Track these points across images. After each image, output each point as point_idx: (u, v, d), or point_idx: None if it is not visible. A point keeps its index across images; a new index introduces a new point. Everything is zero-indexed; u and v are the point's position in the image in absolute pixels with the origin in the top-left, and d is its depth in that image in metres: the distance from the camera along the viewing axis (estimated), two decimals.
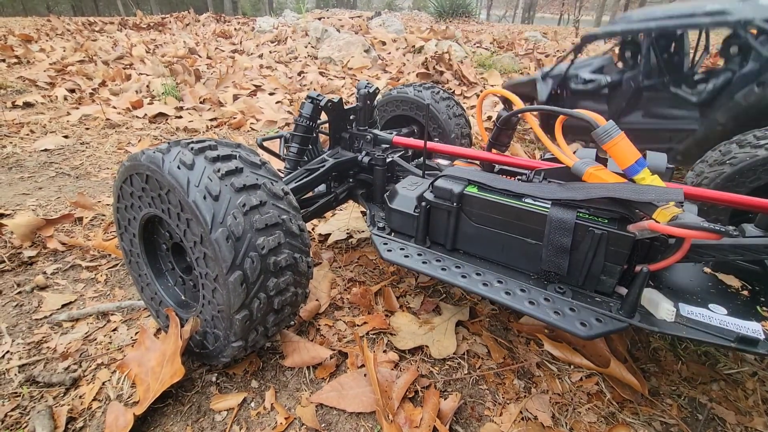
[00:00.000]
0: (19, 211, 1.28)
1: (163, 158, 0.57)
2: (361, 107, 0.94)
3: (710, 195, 0.62)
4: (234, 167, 0.58)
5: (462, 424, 0.64)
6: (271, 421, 0.64)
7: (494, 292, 0.59)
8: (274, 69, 3.59)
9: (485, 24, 10.40)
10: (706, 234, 0.46)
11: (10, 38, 4.62)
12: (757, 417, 0.66)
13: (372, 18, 6.27)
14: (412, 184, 0.77)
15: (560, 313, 0.54)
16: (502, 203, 0.61)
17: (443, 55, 3.42)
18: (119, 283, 0.98)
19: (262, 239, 0.56)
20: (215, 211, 0.54)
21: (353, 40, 3.98)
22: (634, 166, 0.54)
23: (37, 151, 1.79)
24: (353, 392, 0.68)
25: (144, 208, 0.66)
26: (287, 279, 0.61)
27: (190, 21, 7.63)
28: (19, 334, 0.81)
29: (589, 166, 0.57)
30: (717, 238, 0.46)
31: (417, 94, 1.24)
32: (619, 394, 0.69)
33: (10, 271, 1.00)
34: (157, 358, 0.68)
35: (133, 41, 4.85)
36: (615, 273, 0.55)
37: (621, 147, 0.53)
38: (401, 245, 0.71)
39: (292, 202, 0.63)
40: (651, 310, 0.54)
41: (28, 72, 3.19)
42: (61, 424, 0.62)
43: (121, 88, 2.77)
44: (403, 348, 0.77)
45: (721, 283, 0.62)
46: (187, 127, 2.18)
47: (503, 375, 0.73)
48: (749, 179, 0.84)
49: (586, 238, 0.54)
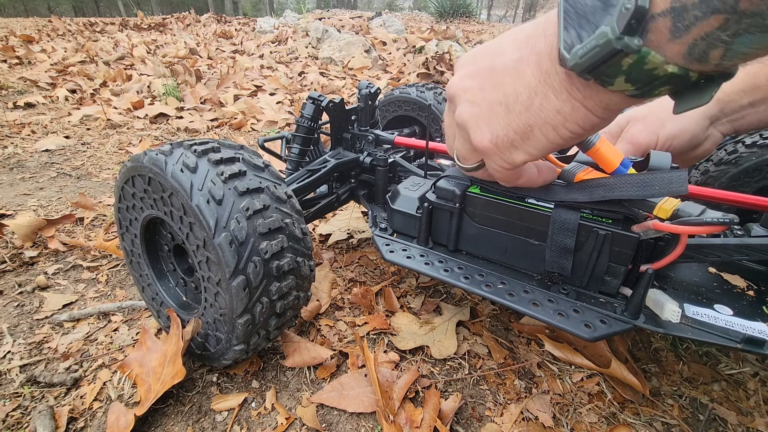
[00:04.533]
0: (20, 212, 1.28)
1: (166, 160, 0.57)
2: (362, 108, 0.93)
3: (715, 194, 0.62)
4: (237, 170, 0.58)
5: (463, 424, 0.64)
6: (272, 421, 0.64)
7: (497, 293, 0.59)
8: (275, 69, 3.59)
9: (486, 24, 10.40)
10: (710, 228, 0.45)
11: (11, 39, 4.63)
12: (758, 417, 0.66)
13: (372, 18, 6.27)
14: (414, 184, 0.77)
15: (564, 315, 0.54)
16: (505, 204, 0.61)
17: (444, 56, 3.42)
18: (120, 283, 0.98)
19: (265, 244, 0.56)
20: (218, 216, 0.54)
21: (354, 41, 3.98)
22: (619, 168, 0.53)
23: (39, 152, 1.79)
24: (354, 392, 0.67)
25: (146, 209, 0.66)
26: (290, 283, 0.60)
27: (191, 21, 7.64)
28: (20, 335, 0.81)
29: (578, 171, 0.56)
30: (724, 229, 0.45)
31: (419, 95, 1.24)
32: (620, 395, 0.69)
33: (11, 272, 1.00)
34: (159, 359, 0.68)
35: (134, 42, 4.86)
36: (619, 274, 0.55)
37: (603, 151, 0.52)
38: (403, 246, 0.71)
39: (295, 206, 0.63)
40: (656, 310, 0.54)
41: (29, 73, 3.20)
42: (63, 424, 0.62)
43: (122, 89, 2.78)
44: (404, 348, 0.77)
45: (726, 283, 0.61)
46: (188, 127, 2.18)
47: (504, 375, 0.73)
48: (755, 179, 0.83)
49: (589, 239, 0.54)
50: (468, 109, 0.43)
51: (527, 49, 0.37)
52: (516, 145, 0.41)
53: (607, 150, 0.52)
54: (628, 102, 0.34)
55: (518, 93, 0.38)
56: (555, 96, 0.36)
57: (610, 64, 0.30)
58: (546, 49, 0.36)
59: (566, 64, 0.32)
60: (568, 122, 0.37)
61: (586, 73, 0.32)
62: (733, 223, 0.45)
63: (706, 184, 0.89)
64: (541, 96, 0.37)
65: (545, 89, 0.36)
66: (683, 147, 0.72)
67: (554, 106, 0.36)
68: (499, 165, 0.45)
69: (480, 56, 0.42)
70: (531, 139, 0.40)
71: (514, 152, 0.42)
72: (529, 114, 0.38)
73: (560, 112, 0.36)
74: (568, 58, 0.32)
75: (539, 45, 0.36)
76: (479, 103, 0.41)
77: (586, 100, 0.35)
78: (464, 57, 0.45)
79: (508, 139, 0.41)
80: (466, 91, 0.43)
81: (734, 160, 0.85)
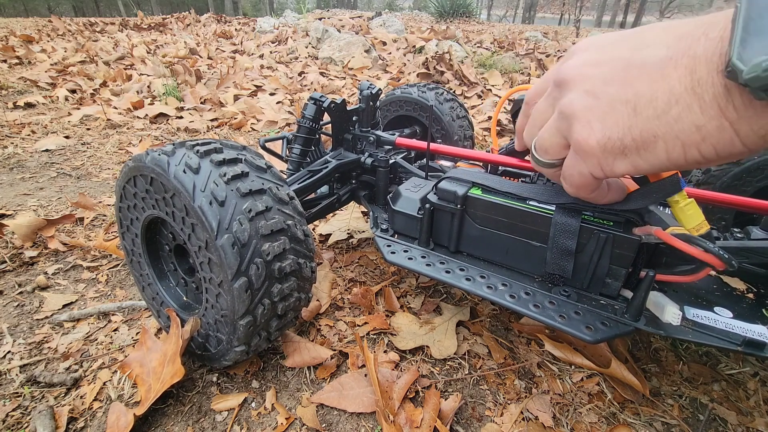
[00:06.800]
0: (20, 212, 1.28)
1: (169, 161, 0.57)
2: (363, 108, 0.94)
3: (715, 197, 0.62)
4: (240, 171, 0.58)
5: (463, 424, 0.64)
6: (272, 421, 0.64)
7: (498, 295, 0.59)
8: (275, 69, 3.59)
9: (486, 24, 10.40)
10: (710, 258, 0.43)
11: (11, 39, 4.63)
12: (758, 417, 0.66)
13: (372, 18, 6.28)
14: (416, 185, 0.77)
15: (565, 317, 0.54)
16: (507, 206, 0.61)
17: (444, 56, 3.43)
18: (120, 283, 0.98)
19: (268, 245, 0.56)
20: (221, 217, 0.54)
21: (354, 41, 3.98)
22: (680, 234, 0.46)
23: (39, 152, 1.79)
24: (354, 392, 0.68)
25: (147, 209, 0.66)
26: (291, 284, 0.60)
27: (191, 21, 7.64)
28: (20, 335, 0.81)
29: None
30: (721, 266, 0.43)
31: (421, 95, 1.24)
32: (620, 395, 0.69)
33: (11, 272, 1.00)
34: (159, 359, 0.68)
35: (134, 42, 4.86)
36: (620, 276, 0.55)
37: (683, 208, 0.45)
38: (405, 247, 0.71)
39: (297, 207, 0.63)
40: (656, 313, 0.54)
41: (29, 72, 3.19)
42: (63, 424, 0.62)
43: (122, 89, 2.78)
44: (404, 348, 0.77)
45: (726, 285, 0.62)
46: (188, 127, 2.18)
47: (504, 375, 0.73)
48: (756, 178, 0.84)
49: (591, 241, 0.54)
50: (583, 99, 0.37)
51: (680, 50, 0.32)
52: (627, 153, 0.36)
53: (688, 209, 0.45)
54: None
55: (654, 96, 0.33)
56: (701, 110, 0.31)
57: None
58: (705, 54, 0.31)
59: (738, 77, 0.28)
60: (705, 143, 0.32)
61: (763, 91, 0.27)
62: (732, 266, 0.42)
63: (707, 184, 0.89)
64: (683, 106, 0.32)
65: (690, 99, 0.31)
66: None
67: (695, 121, 0.31)
68: (590, 170, 0.39)
69: (613, 44, 0.37)
70: (649, 151, 0.35)
71: (620, 160, 0.37)
72: (659, 123, 0.33)
73: (700, 129, 0.31)
74: (743, 70, 0.27)
75: (696, 48, 0.31)
76: (599, 96, 0.36)
77: (741, 122, 0.30)
78: (590, 41, 0.40)
79: (621, 145, 0.35)
80: (586, 80, 0.37)
81: None
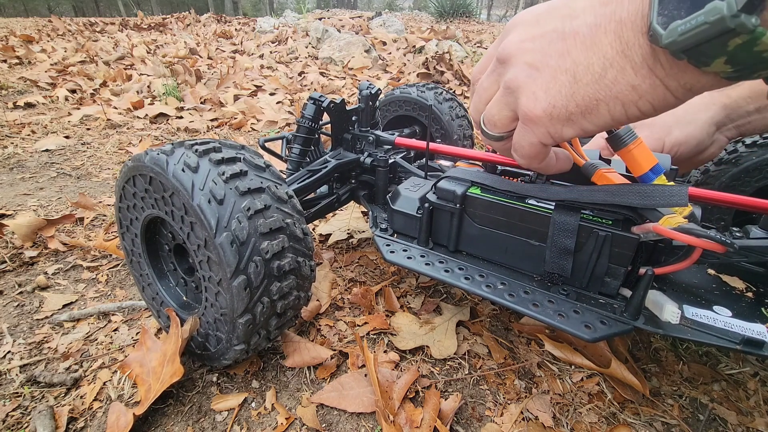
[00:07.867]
0: (20, 212, 1.28)
1: (168, 160, 0.57)
2: (363, 108, 0.94)
3: (714, 196, 0.62)
4: (238, 170, 0.58)
5: (463, 424, 0.64)
6: (272, 421, 0.64)
7: (498, 294, 0.59)
8: (275, 69, 3.60)
9: (486, 24, 10.40)
10: (711, 244, 0.44)
11: (11, 39, 4.63)
12: (758, 417, 0.66)
13: (372, 18, 6.28)
14: (415, 185, 0.77)
15: (564, 316, 0.54)
16: (506, 205, 0.61)
17: (444, 56, 3.43)
18: (120, 283, 0.98)
19: (267, 244, 0.56)
20: (220, 216, 0.54)
21: (354, 41, 3.98)
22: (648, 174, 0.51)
23: (39, 152, 1.79)
24: (354, 392, 0.68)
25: (147, 209, 0.66)
26: (290, 283, 0.61)
27: (191, 21, 7.64)
28: (20, 335, 0.81)
29: (600, 167, 0.56)
30: (722, 250, 0.44)
31: (420, 95, 1.24)
32: (620, 395, 0.69)
33: (11, 272, 1.00)
34: (159, 359, 0.68)
35: (134, 42, 4.86)
36: (619, 275, 0.55)
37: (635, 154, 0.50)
38: (404, 247, 0.71)
39: (296, 206, 0.63)
40: (655, 312, 0.54)
41: (29, 72, 3.20)
42: (63, 424, 0.62)
43: (122, 89, 2.78)
44: (404, 348, 0.77)
45: (725, 284, 0.62)
46: (188, 127, 2.18)
47: (504, 375, 0.73)
48: (755, 178, 0.84)
49: (590, 240, 0.54)
50: (525, 72, 0.38)
51: (605, 16, 0.34)
52: (573, 118, 0.37)
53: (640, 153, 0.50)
54: (719, 84, 0.31)
55: (590, 63, 0.34)
56: (633, 71, 0.33)
57: (714, 43, 0.27)
58: (629, 18, 0.32)
59: (659, 41, 0.29)
60: (642, 100, 0.34)
61: (682, 53, 0.28)
62: (733, 248, 0.44)
63: (706, 184, 0.89)
64: (617, 69, 0.33)
65: (623, 62, 0.33)
66: (689, 153, 0.72)
67: (630, 82, 0.33)
68: (539, 139, 0.41)
69: (545, 17, 0.38)
70: (593, 113, 0.36)
71: (567, 126, 0.38)
72: (598, 87, 0.35)
73: (636, 88, 0.33)
74: (662, 35, 0.28)
75: (620, 12, 0.33)
76: (540, 68, 0.37)
77: (669, 78, 0.32)
78: (523, 15, 0.41)
79: (566, 111, 0.37)
80: (526, 53, 0.38)
81: (734, 159, 0.85)
